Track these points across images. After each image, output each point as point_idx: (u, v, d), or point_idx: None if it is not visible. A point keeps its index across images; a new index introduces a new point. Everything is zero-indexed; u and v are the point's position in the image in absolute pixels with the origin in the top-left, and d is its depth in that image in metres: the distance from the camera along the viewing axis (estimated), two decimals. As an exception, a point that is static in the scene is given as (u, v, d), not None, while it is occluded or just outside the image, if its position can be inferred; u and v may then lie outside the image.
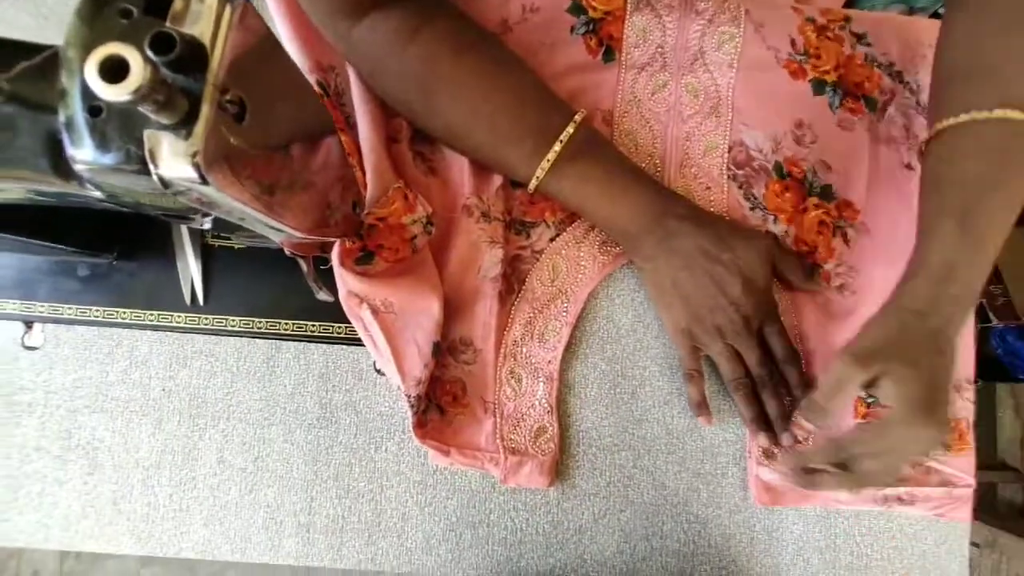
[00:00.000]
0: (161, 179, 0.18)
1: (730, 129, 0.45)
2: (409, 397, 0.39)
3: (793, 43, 0.46)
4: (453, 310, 0.42)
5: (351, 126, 0.42)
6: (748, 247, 0.41)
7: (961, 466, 0.44)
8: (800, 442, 0.42)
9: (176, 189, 0.18)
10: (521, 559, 0.43)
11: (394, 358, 0.38)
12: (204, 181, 0.18)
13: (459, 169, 0.44)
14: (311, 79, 0.41)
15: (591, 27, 0.46)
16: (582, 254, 0.44)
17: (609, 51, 0.46)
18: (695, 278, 0.40)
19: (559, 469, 0.43)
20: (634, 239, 0.42)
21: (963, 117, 0.35)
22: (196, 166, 0.17)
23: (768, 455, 0.43)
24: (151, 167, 0.17)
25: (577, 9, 0.46)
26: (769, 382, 0.41)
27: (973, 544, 0.46)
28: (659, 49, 0.46)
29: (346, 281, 0.38)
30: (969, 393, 0.45)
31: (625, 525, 0.43)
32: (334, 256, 0.36)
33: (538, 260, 0.44)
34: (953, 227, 0.35)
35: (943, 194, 0.37)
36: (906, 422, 0.34)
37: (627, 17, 0.45)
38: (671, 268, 0.41)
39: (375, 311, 0.39)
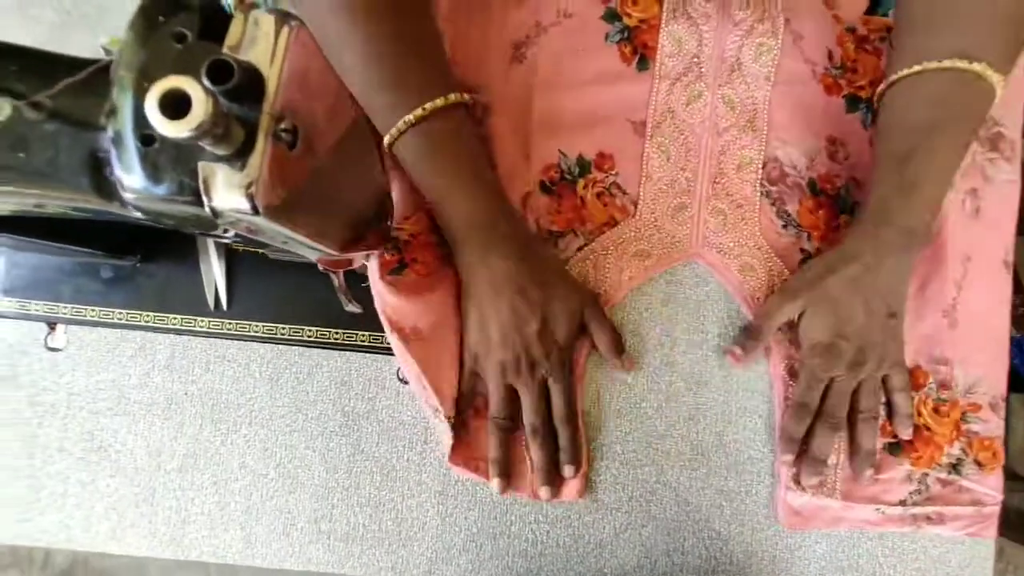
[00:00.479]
0: (213, 210, 0.17)
1: (766, 144, 0.44)
2: (450, 419, 0.39)
3: (831, 56, 0.45)
4: None
5: None
6: (563, 295, 0.40)
7: (992, 484, 0.43)
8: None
9: (227, 220, 0.18)
10: (541, 572, 0.43)
11: (430, 384, 0.39)
12: (256, 212, 0.17)
13: None
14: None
15: (626, 35, 0.45)
16: (610, 265, 0.43)
17: (643, 60, 0.45)
18: (495, 304, 0.39)
19: (585, 488, 0.43)
20: (457, 242, 0.40)
21: (915, 68, 0.37)
22: (250, 197, 0.17)
23: (797, 480, 0.42)
24: (204, 199, 0.17)
25: (612, 16, 0.45)
26: (538, 432, 0.40)
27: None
28: (695, 59, 0.44)
29: (382, 296, 0.38)
30: (1001, 411, 0.44)
31: (646, 540, 0.43)
32: (372, 270, 0.36)
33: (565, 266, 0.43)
34: (891, 171, 0.39)
35: (888, 141, 0.40)
36: (828, 350, 0.39)
37: (663, 26, 0.44)
38: (480, 284, 0.39)
39: (406, 339, 0.39)
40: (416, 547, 0.43)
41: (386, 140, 0.38)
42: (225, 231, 0.25)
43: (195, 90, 0.14)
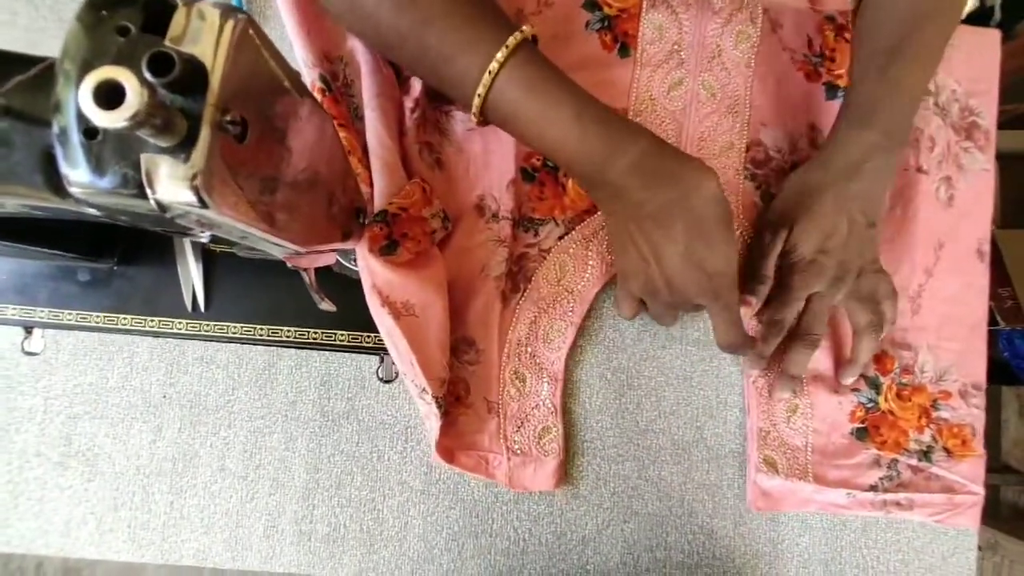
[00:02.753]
0: (159, 203, 0.17)
1: (748, 128, 0.45)
2: (437, 399, 0.39)
3: (810, 43, 0.46)
4: (456, 309, 0.42)
5: (359, 118, 0.41)
6: (703, 220, 0.34)
7: (964, 472, 0.43)
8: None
9: (174, 213, 0.18)
10: (524, 570, 0.43)
11: (419, 363, 0.38)
12: (204, 204, 0.17)
13: (467, 164, 0.43)
14: (314, 73, 0.40)
15: (606, 23, 0.45)
16: (590, 253, 0.43)
17: (624, 47, 0.45)
18: (641, 254, 0.36)
19: (563, 477, 0.43)
20: (587, 185, 0.37)
21: None
22: (195, 189, 0.17)
23: (768, 462, 0.42)
24: (148, 191, 0.17)
25: (592, 5, 0.45)
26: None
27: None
28: (675, 46, 0.45)
29: (373, 271, 0.37)
30: (977, 400, 0.44)
31: (629, 536, 0.43)
32: (362, 245, 0.36)
33: (545, 259, 0.43)
34: (875, 69, 0.38)
35: (873, 39, 0.39)
36: (809, 266, 0.38)
37: (643, 14, 0.45)
38: (621, 221, 0.37)
39: (397, 315, 0.37)
40: (398, 547, 0.43)
41: (478, 95, 0.34)
42: (193, 232, 0.25)
43: (128, 80, 0.14)
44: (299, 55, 0.40)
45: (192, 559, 0.43)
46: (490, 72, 0.33)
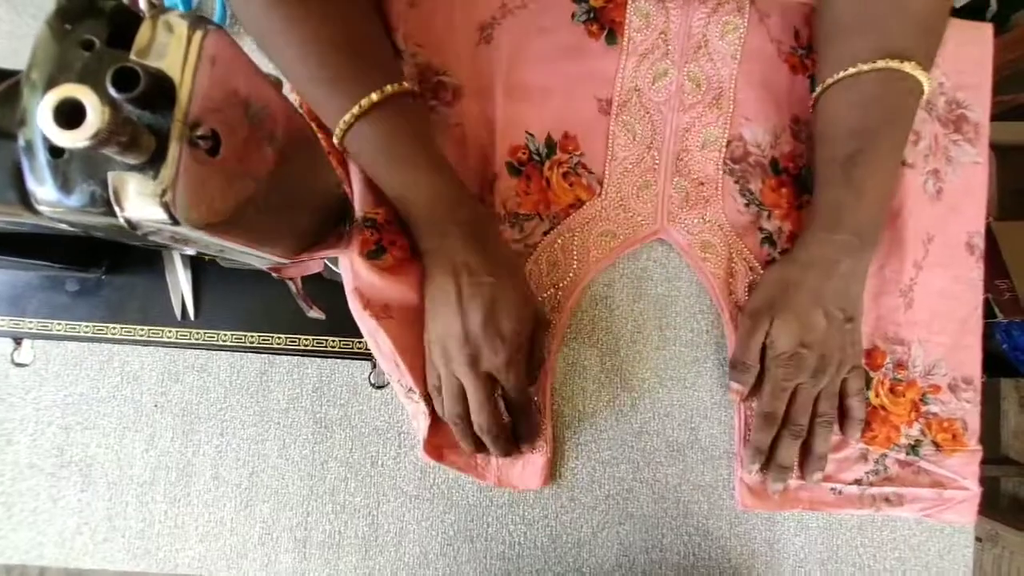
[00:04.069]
0: (128, 221, 0.17)
1: (730, 123, 0.44)
2: (425, 398, 0.39)
3: (797, 35, 0.45)
4: None
5: None
6: (513, 294, 0.37)
7: (954, 467, 0.43)
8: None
9: (146, 230, 0.17)
10: (519, 573, 0.43)
11: (405, 363, 0.38)
12: (175, 221, 0.17)
13: (451, 162, 0.42)
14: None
15: (592, 15, 0.44)
16: (576, 246, 0.43)
17: (611, 34, 0.44)
18: (445, 289, 0.37)
19: (558, 480, 0.43)
20: (417, 228, 0.38)
21: (850, 70, 0.38)
22: (165, 206, 0.17)
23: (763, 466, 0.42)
24: (116, 209, 0.16)
25: None
26: (488, 430, 0.38)
27: (975, 539, 0.45)
28: (662, 36, 0.44)
29: (357, 273, 0.37)
30: (968, 394, 0.44)
31: (624, 538, 0.43)
32: (350, 247, 0.35)
33: (531, 254, 0.43)
34: (838, 175, 0.39)
35: (831, 146, 0.40)
36: (791, 359, 0.39)
37: (629, 2, 0.44)
38: (435, 270, 0.38)
39: (378, 316, 0.37)
40: (393, 552, 0.43)
41: (336, 134, 0.36)
42: (176, 247, 0.25)
43: (89, 98, 0.14)
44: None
45: (188, 568, 0.43)
46: (344, 123, 0.35)
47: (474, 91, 0.43)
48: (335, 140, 0.37)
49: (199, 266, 0.43)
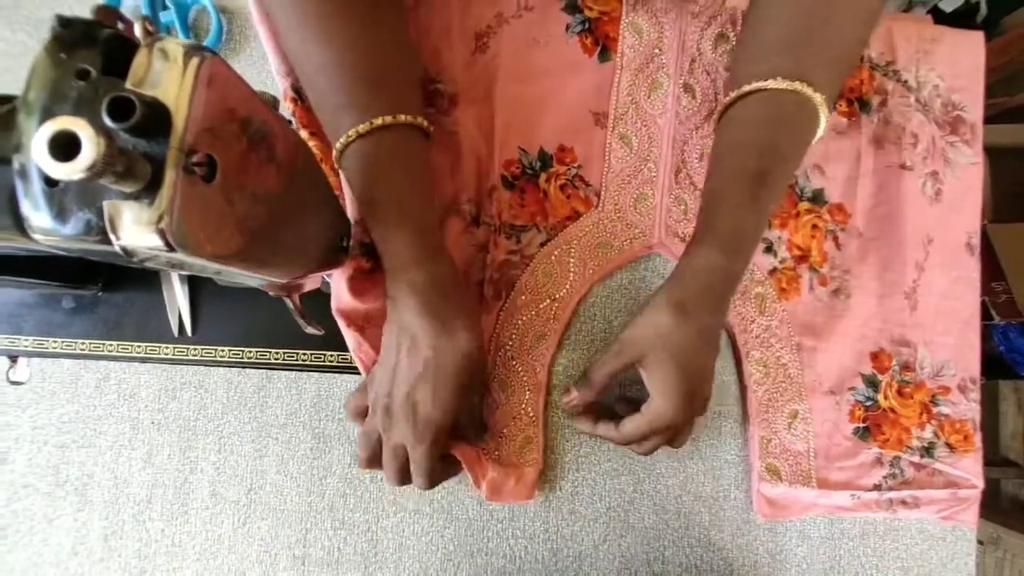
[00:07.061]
0: (124, 249, 0.17)
1: None
2: None
3: None
4: None
5: None
6: (452, 364, 0.34)
7: (967, 467, 0.43)
8: None
9: (142, 256, 0.17)
10: (521, 588, 0.42)
11: None
12: (171, 248, 0.17)
13: (446, 170, 0.42)
14: (286, 83, 0.39)
15: (587, 26, 0.45)
16: (572, 260, 0.43)
17: (605, 51, 0.45)
18: (388, 350, 0.36)
19: (558, 493, 0.43)
20: (383, 264, 0.36)
21: (770, 82, 0.35)
22: (161, 233, 0.16)
23: (771, 470, 0.42)
24: (112, 237, 0.16)
25: (572, 7, 0.44)
26: (393, 481, 0.37)
27: (976, 542, 0.45)
28: (656, 50, 0.44)
29: (339, 296, 0.37)
30: (975, 394, 0.44)
31: (626, 551, 0.43)
32: (343, 271, 0.35)
33: (528, 265, 0.43)
34: (746, 192, 0.35)
35: (742, 155, 0.36)
36: (657, 408, 0.35)
37: (623, 17, 0.44)
38: (391, 324, 0.36)
39: (360, 329, 0.38)
40: (393, 568, 0.42)
41: (335, 151, 0.35)
42: (173, 271, 0.25)
43: (84, 130, 0.14)
44: (273, 65, 0.40)
45: (185, 587, 0.42)
46: (342, 142, 0.34)
47: (470, 100, 0.43)
48: (334, 159, 0.36)
49: (196, 282, 0.43)
